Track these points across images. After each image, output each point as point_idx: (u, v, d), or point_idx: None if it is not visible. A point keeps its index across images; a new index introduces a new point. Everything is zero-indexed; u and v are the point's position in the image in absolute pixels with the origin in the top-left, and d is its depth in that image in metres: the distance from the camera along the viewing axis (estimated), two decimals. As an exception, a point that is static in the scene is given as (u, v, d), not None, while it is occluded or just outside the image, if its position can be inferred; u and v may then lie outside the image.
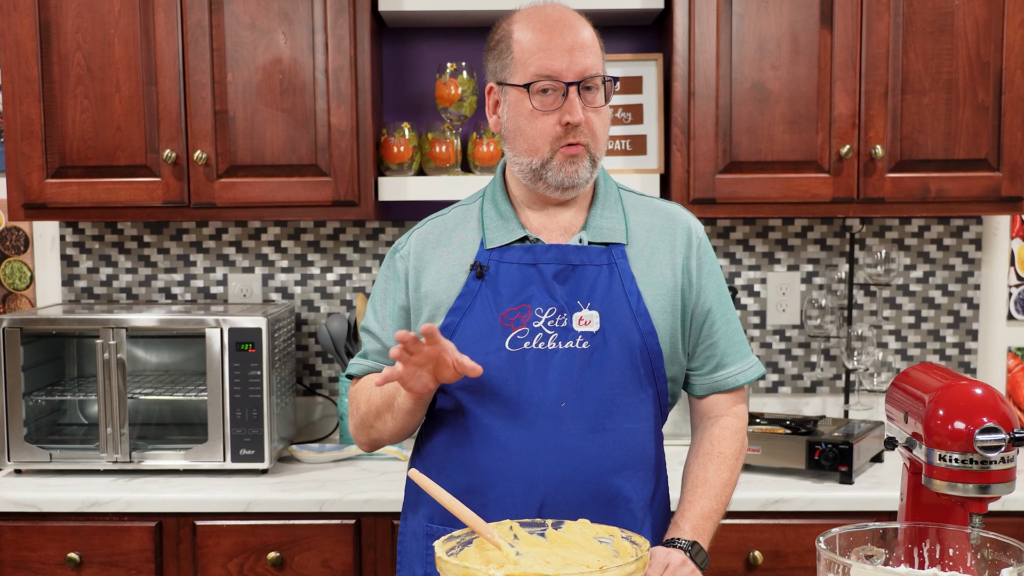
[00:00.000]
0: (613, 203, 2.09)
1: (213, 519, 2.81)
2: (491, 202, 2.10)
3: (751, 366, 2.16)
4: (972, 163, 3.02)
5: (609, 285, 2.01)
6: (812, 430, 2.99)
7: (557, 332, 1.98)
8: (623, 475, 2.00)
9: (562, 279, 2.01)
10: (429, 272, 2.07)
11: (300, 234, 3.49)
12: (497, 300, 2.00)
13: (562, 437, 1.97)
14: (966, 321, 3.51)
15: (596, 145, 2.00)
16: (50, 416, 3.20)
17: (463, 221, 2.11)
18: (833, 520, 2.75)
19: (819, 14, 2.98)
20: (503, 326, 1.99)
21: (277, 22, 2.99)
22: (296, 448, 3.16)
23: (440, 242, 2.10)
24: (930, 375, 1.90)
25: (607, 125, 2.03)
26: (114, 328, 2.94)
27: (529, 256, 2.02)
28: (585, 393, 1.98)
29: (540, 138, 1.97)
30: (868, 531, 1.71)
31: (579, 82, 1.94)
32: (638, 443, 2.02)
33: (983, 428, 1.73)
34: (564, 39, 1.95)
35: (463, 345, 1.97)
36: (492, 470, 1.99)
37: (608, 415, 1.98)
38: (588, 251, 2.02)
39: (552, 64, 1.94)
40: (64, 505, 2.80)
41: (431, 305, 2.05)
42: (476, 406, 2.00)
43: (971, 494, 1.76)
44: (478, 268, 2.02)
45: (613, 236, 2.04)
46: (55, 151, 3.03)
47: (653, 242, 2.07)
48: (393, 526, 2.81)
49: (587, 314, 1.99)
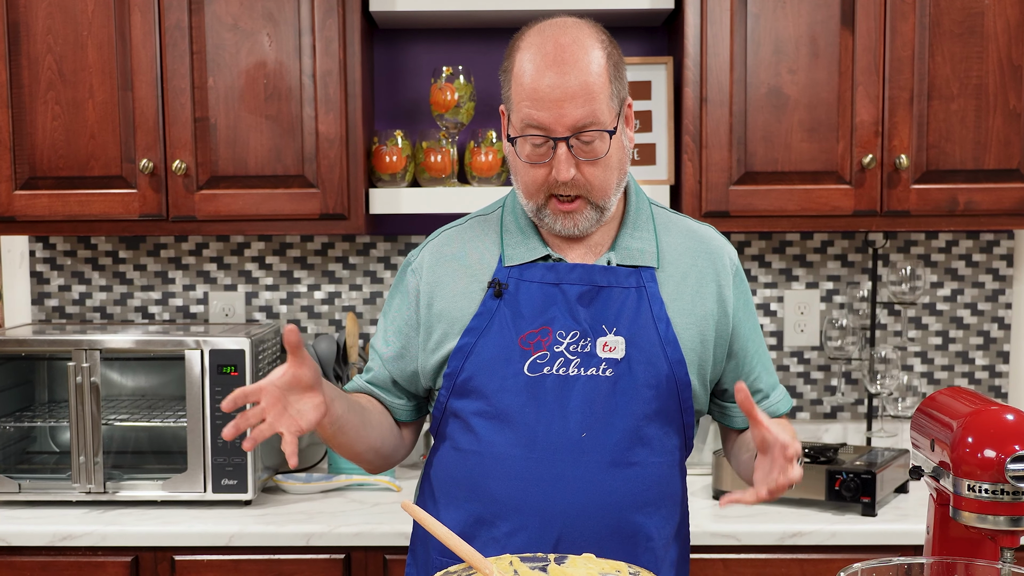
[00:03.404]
0: (644, 222, 2.06)
1: (193, 554, 2.80)
2: (512, 215, 2.08)
3: (785, 395, 2.21)
4: (1003, 174, 3.02)
5: (637, 310, 1.99)
6: (832, 459, 2.98)
7: (579, 357, 1.97)
8: (645, 511, 2.00)
9: (587, 301, 1.99)
10: (443, 289, 2.06)
11: (286, 249, 3.49)
12: (516, 321, 1.99)
13: (581, 470, 1.96)
14: (996, 342, 3.50)
15: (596, 194, 1.95)
16: (19, 444, 3.19)
17: (481, 233, 2.10)
18: (855, 555, 2.75)
19: (840, 14, 2.98)
20: (522, 349, 1.98)
21: (261, 23, 2.99)
22: (282, 478, 3.15)
23: (456, 256, 2.08)
24: (958, 400, 1.90)
25: (612, 170, 1.95)
26: (87, 350, 2.93)
27: (552, 275, 2.01)
28: (607, 424, 1.96)
29: (533, 186, 1.96)
30: (892, 566, 1.70)
31: (568, 137, 1.89)
32: (662, 478, 2.02)
33: (1015, 457, 1.73)
34: (557, 85, 1.87)
35: (479, 368, 1.97)
36: (505, 502, 1.98)
37: (631, 448, 1.98)
38: (616, 272, 2.01)
39: (540, 116, 1.89)
40: (34, 539, 2.79)
41: (445, 323, 2.04)
42: (491, 433, 1.99)
43: (1002, 527, 1.76)
44: (496, 286, 2.01)
45: (643, 259, 2.02)
46: (24, 161, 3.03)
47: (685, 267, 2.05)
48: (385, 561, 2.80)
49: (612, 340, 1.97)
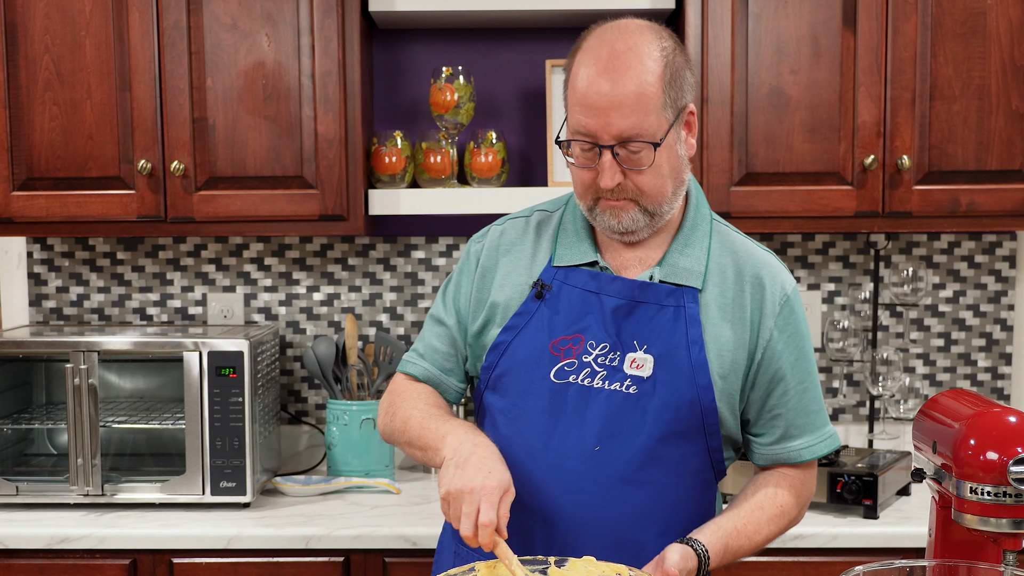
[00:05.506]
0: (699, 239, 2.04)
1: (191, 556, 2.81)
2: (572, 214, 2.10)
3: (823, 439, 2.08)
4: (1006, 174, 3.03)
5: (672, 330, 1.97)
6: (834, 461, 2.98)
7: (606, 370, 1.98)
8: (651, 531, 1.99)
9: (622, 315, 1.99)
10: (497, 274, 2.09)
11: (285, 251, 3.50)
12: (552, 325, 2.01)
13: (590, 483, 1.97)
14: (999, 344, 3.51)
15: (647, 199, 1.95)
16: (16, 446, 3.20)
17: (542, 228, 2.12)
18: (857, 557, 2.76)
19: (842, 15, 2.99)
20: (552, 354, 1.99)
21: (260, 23, 3.00)
22: (280, 480, 3.16)
23: (513, 245, 2.11)
24: (960, 402, 1.90)
25: (664, 177, 1.95)
26: (85, 351, 2.94)
27: (594, 283, 2.01)
28: (623, 440, 1.96)
29: (583, 187, 1.98)
30: (894, 569, 1.71)
31: (613, 145, 1.90)
32: (676, 500, 2.01)
33: (1017, 459, 1.73)
34: (606, 93, 1.88)
35: (510, 368, 2.01)
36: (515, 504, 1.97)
37: (644, 467, 1.97)
38: (656, 289, 1.99)
39: (588, 123, 1.90)
40: (31, 542, 2.79)
41: (488, 309, 2.07)
42: (513, 434, 2.02)
43: (1004, 529, 1.76)
44: (539, 287, 2.03)
45: (688, 278, 2.00)
46: (22, 161, 3.03)
47: (732, 291, 2.02)
48: (385, 563, 2.81)
49: (640, 357, 1.97)
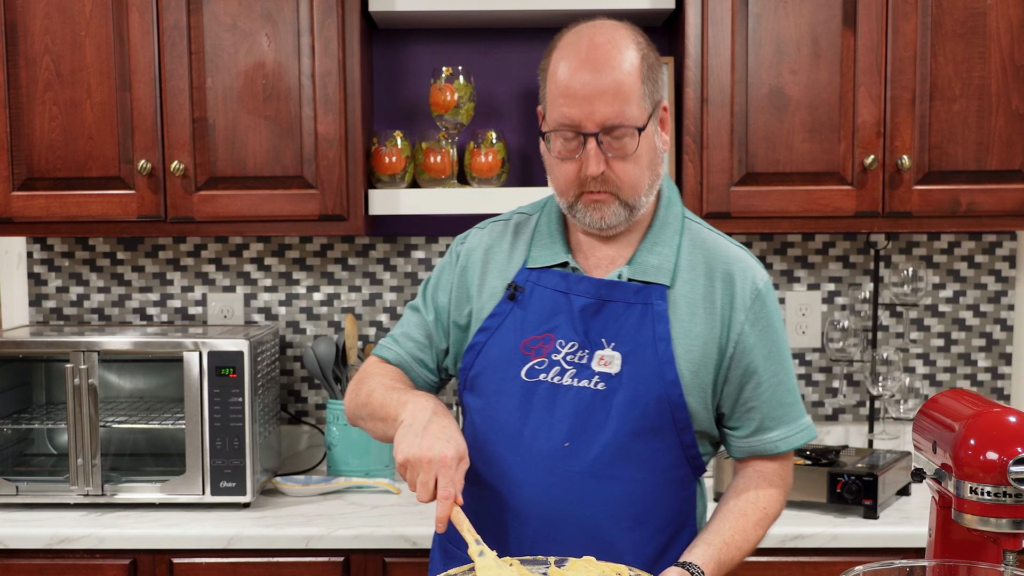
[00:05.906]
0: (669, 237, 2.06)
1: (191, 556, 2.82)
2: (547, 216, 2.14)
3: (799, 431, 2.09)
4: (1006, 174, 3.03)
5: (638, 327, 2.00)
6: (834, 461, 3.00)
7: (575, 368, 2.00)
8: (623, 526, 2.00)
9: (590, 314, 2.01)
10: (476, 277, 2.13)
11: (285, 251, 3.50)
12: (523, 325, 2.04)
13: (560, 478, 1.99)
14: (999, 344, 3.52)
15: (626, 192, 1.97)
16: (16, 446, 3.20)
17: (519, 231, 2.16)
18: (856, 557, 2.76)
19: (842, 15, 2.99)
20: (523, 354, 2.03)
21: (260, 23, 3.01)
22: (280, 480, 3.16)
23: (492, 249, 2.15)
24: (960, 402, 1.90)
25: (643, 168, 1.98)
26: (85, 351, 2.94)
27: (563, 283, 2.05)
28: (591, 436, 1.98)
29: (564, 182, 2.00)
30: (894, 569, 1.71)
31: (597, 133, 1.92)
32: (644, 495, 2.02)
33: (1017, 459, 1.73)
34: (589, 82, 1.91)
35: (484, 369, 2.05)
36: (486, 500, 2.03)
37: (613, 462, 1.99)
38: (623, 288, 2.02)
39: (572, 112, 1.92)
40: (31, 542, 2.80)
41: (467, 311, 2.12)
42: (487, 432, 2.06)
43: (1004, 529, 1.77)
44: (512, 289, 2.07)
45: (656, 276, 2.02)
46: (22, 161, 3.04)
47: (701, 287, 2.03)
48: (385, 563, 2.81)
49: (608, 354, 1.99)
